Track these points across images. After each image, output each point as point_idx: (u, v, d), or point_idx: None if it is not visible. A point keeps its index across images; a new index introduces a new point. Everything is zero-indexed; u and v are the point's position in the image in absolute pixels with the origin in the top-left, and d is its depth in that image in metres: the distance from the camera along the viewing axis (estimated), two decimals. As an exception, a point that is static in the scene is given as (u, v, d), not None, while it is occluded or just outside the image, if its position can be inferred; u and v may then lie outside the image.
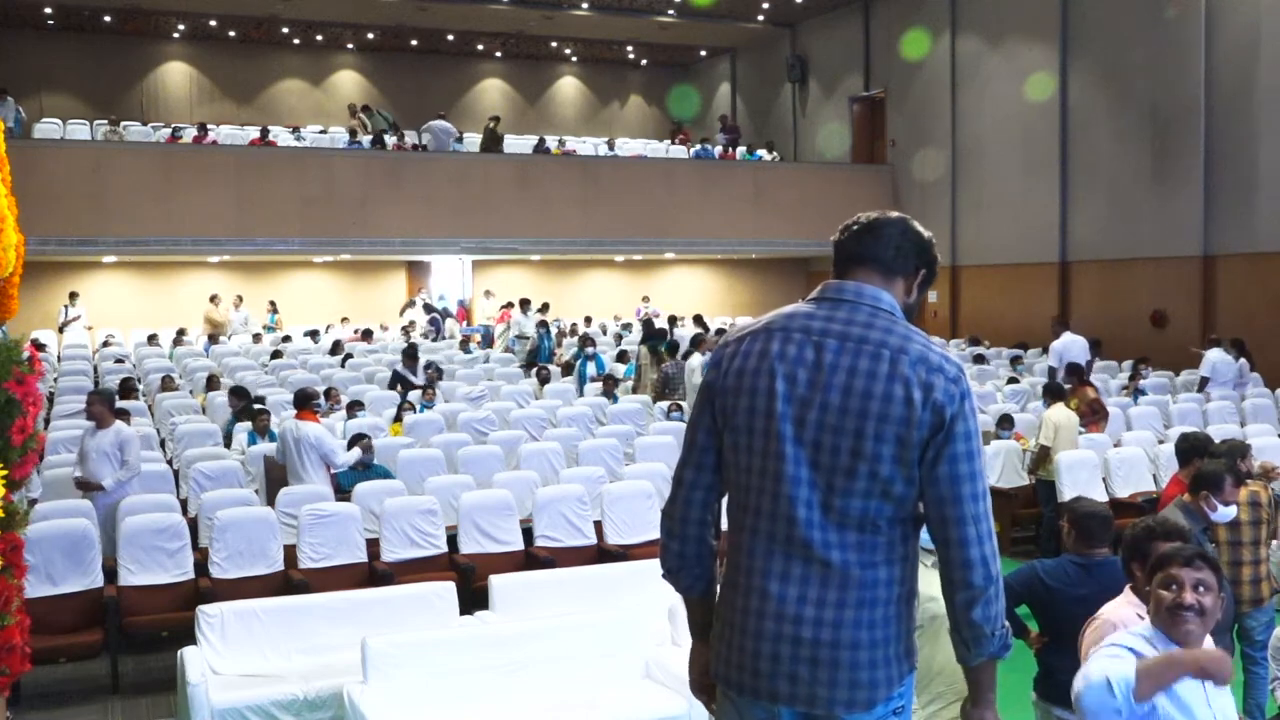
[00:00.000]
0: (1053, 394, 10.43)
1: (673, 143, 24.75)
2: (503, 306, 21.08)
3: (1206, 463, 5.42)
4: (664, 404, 12.94)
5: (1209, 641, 3.23)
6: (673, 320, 19.29)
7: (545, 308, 20.07)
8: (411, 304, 21.96)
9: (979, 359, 16.69)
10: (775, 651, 2.38)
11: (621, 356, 16.92)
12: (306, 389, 9.63)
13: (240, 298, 20.91)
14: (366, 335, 19.00)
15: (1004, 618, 2.39)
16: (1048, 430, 9.74)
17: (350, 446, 9.22)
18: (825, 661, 2.36)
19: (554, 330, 18.80)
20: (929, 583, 4.15)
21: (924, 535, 4.14)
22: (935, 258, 2.55)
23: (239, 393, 11.49)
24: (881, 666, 2.39)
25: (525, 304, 19.83)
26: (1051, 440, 9.67)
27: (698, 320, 18.61)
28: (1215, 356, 13.81)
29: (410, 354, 14.62)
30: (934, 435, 2.33)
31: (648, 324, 18.72)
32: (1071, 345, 13.87)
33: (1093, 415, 10.97)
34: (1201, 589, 3.04)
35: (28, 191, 11.20)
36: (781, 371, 2.41)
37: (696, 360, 13.17)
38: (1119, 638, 3.10)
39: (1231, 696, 3.24)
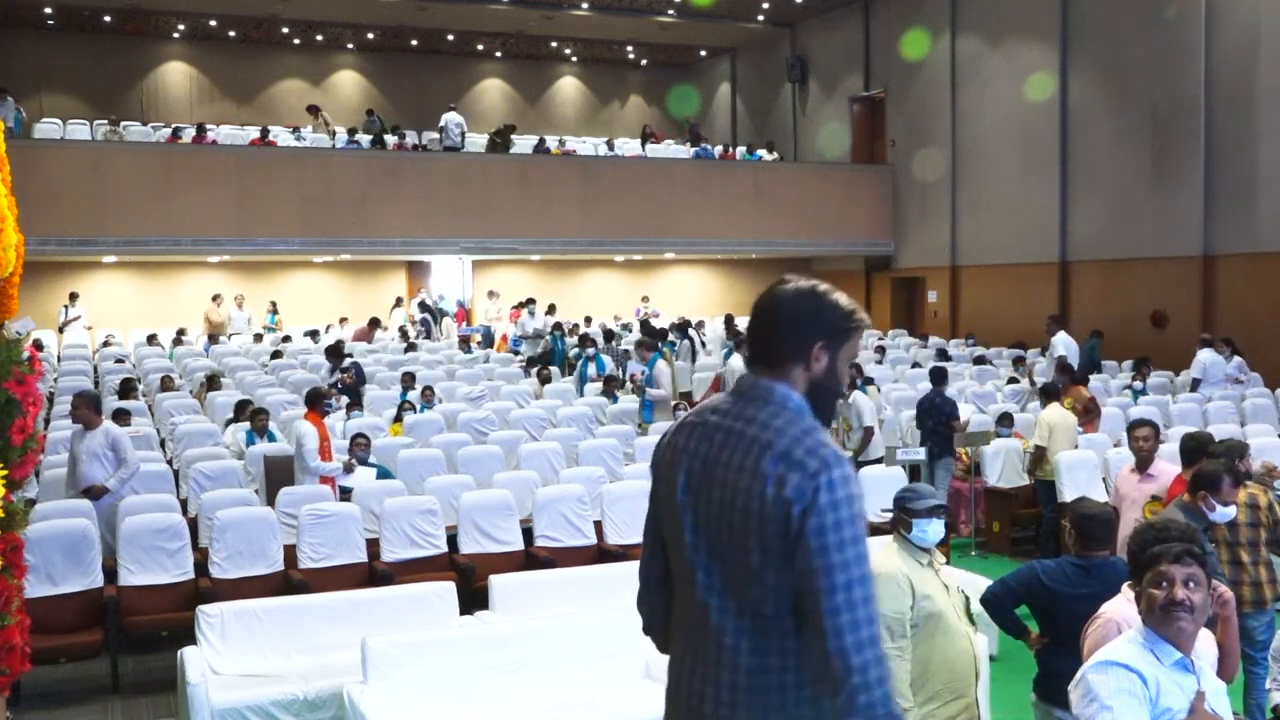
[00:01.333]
0: (1047, 394, 10.45)
1: (644, 142, 24.64)
2: (513, 306, 21.09)
3: (1205, 463, 5.43)
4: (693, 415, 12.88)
5: (1204, 637, 3.23)
6: (685, 324, 18.89)
7: (552, 309, 20.07)
8: (399, 303, 22.03)
9: (979, 360, 16.69)
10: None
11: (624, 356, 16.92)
12: (319, 388, 9.77)
13: (241, 297, 20.88)
14: (374, 324, 18.97)
15: (885, 705, 2.34)
16: (1042, 431, 9.78)
17: (351, 448, 9.20)
18: None
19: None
20: (924, 581, 4.16)
21: (917, 534, 4.17)
22: (834, 323, 2.52)
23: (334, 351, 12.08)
24: None
25: (532, 303, 19.82)
26: (1047, 440, 9.69)
27: (729, 321, 18.57)
28: (1206, 357, 13.82)
29: (334, 351, 13.83)
30: (789, 529, 2.38)
31: (644, 325, 18.68)
32: (1069, 345, 13.94)
33: (1087, 414, 10.99)
34: (1192, 584, 3.03)
35: (28, 191, 11.20)
36: (683, 465, 2.56)
37: (737, 361, 13.29)
38: (1113, 653, 3.06)
39: (1227, 696, 3.24)
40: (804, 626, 2.42)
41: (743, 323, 19.46)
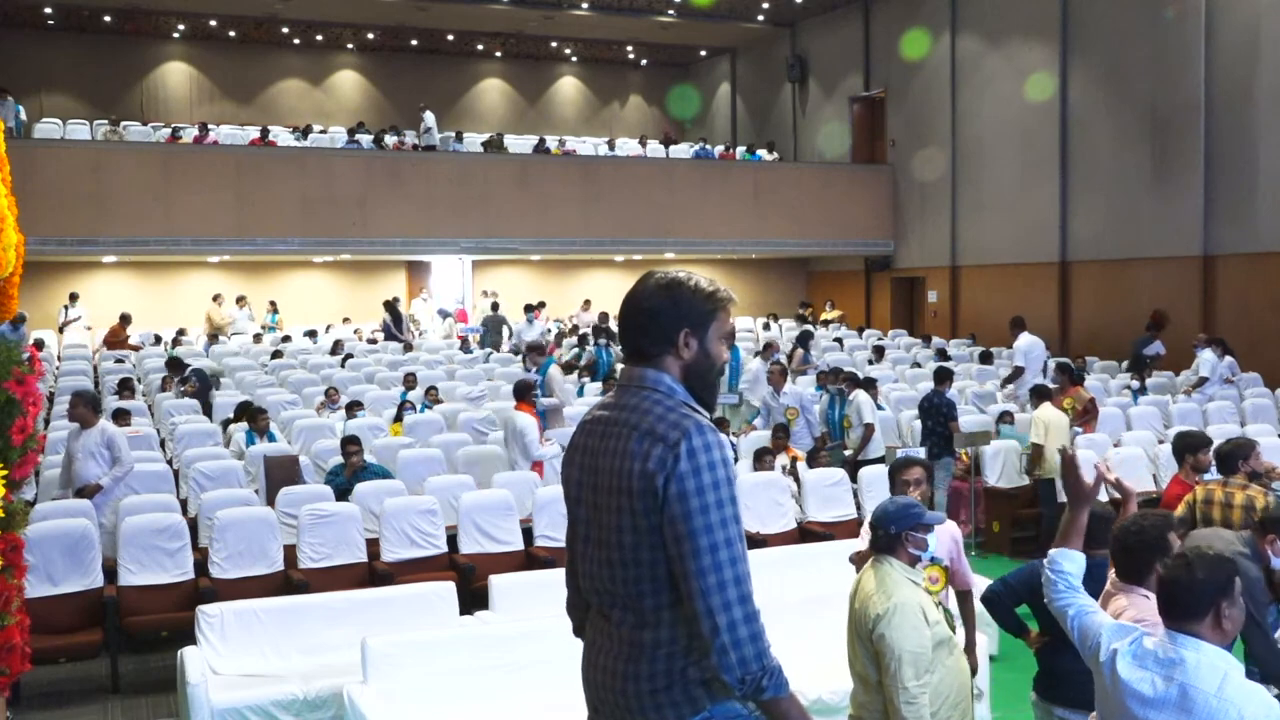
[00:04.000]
0: (1040, 395, 10.47)
1: (667, 146, 24.68)
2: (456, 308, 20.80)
3: (1277, 505, 5.38)
4: (588, 412, 12.76)
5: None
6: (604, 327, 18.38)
7: (541, 305, 19.94)
8: (396, 302, 22.02)
9: (985, 357, 16.69)
10: (593, 698, 2.77)
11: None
12: (526, 379, 10.28)
13: (244, 299, 20.78)
14: (125, 320, 18.28)
15: (758, 661, 2.41)
16: (1038, 429, 9.81)
17: (343, 452, 9.17)
18: (619, 706, 2.63)
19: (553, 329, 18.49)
20: (929, 606, 4.10)
21: (928, 552, 4.09)
22: (694, 308, 2.61)
23: (175, 364, 10.66)
24: (668, 708, 2.55)
25: (530, 310, 19.51)
26: (1043, 439, 9.71)
27: (603, 319, 18.23)
28: (1209, 357, 13.84)
29: (173, 364, 13.82)
30: (655, 502, 2.46)
31: (597, 327, 18.40)
32: (1033, 347, 13.93)
33: (1085, 415, 11.00)
34: None
35: (28, 191, 11.23)
36: (575, 461, 2.71)
37: (757, 364, 13.40)
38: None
39: None
40: (678, 603, 2.50)
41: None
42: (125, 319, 18.37)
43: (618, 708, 2.63)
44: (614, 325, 19.43)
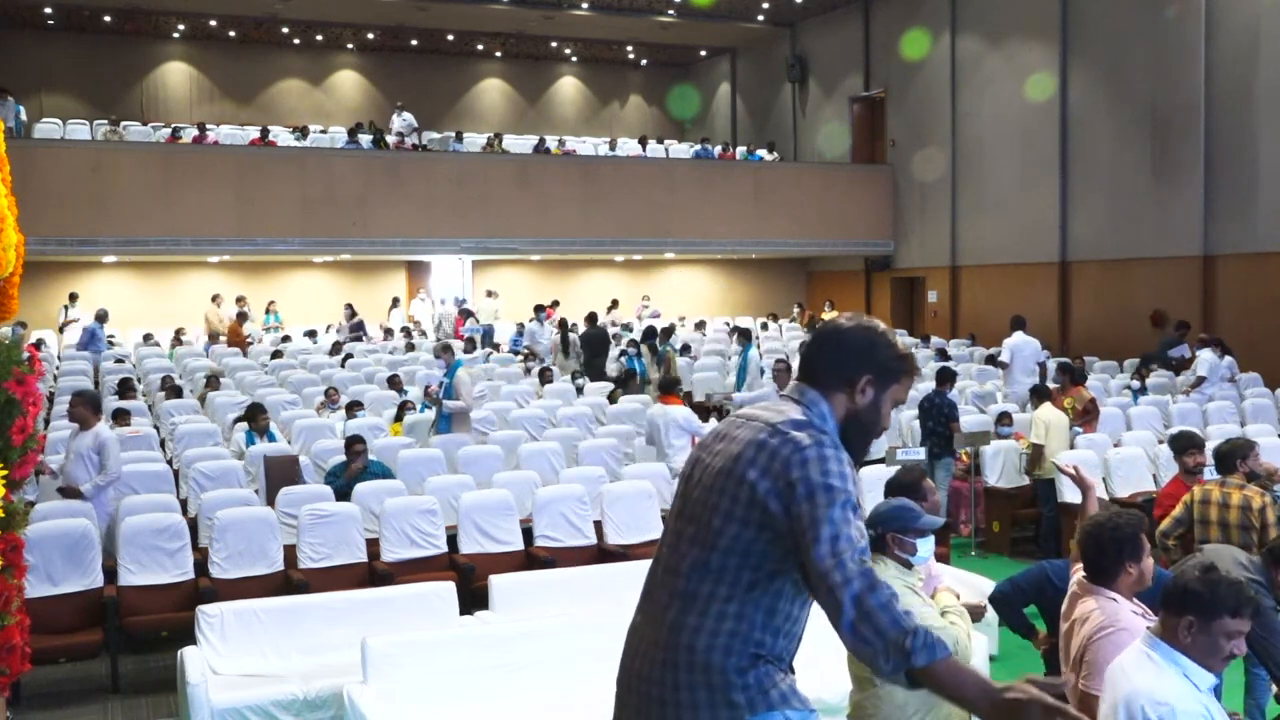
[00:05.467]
0: (1040, 395, 10.48)
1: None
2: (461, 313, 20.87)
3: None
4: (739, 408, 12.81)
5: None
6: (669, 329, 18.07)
7: (555, 305, 19.84)
8: (395, 303, 22.10)
9: (991, 360, 16.67)
10: (625, 683, 2.77)
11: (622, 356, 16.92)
12: (674, 376, 11.43)
13: (244, 302, 20.65)
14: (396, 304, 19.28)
15: (895, 629, 2.29)
16: (1039, 429, 9.83)
17: (347, 450, 9.15)
18: (650, 698, 2.63)
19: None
20: (925, 615, 4.05)
21: (921, 554, 4.03)
22: (884, 362, 2.61)
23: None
24: (704, 709, 2.54)
25: (540, 310, 19.36)
26: (1043, 438, 9.72)
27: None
28: (1208, 356, 13.85)
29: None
30: (755, 494, 2.48)
31: (580, 327, 18.42)
32: (1024, 346, 13.98)
33: (1086, 415, 11.01)
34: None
35: (28, 191, 11.21)
36: (708, 443, 2.72)
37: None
38: (1162, 692, 3.05)
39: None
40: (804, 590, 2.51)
41: (714, 322, 19.44)
42: (242, 316, 18.98)
43: (648, 699, 2.59)
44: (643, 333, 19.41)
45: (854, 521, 2.41)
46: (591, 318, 17.25)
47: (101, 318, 17.73)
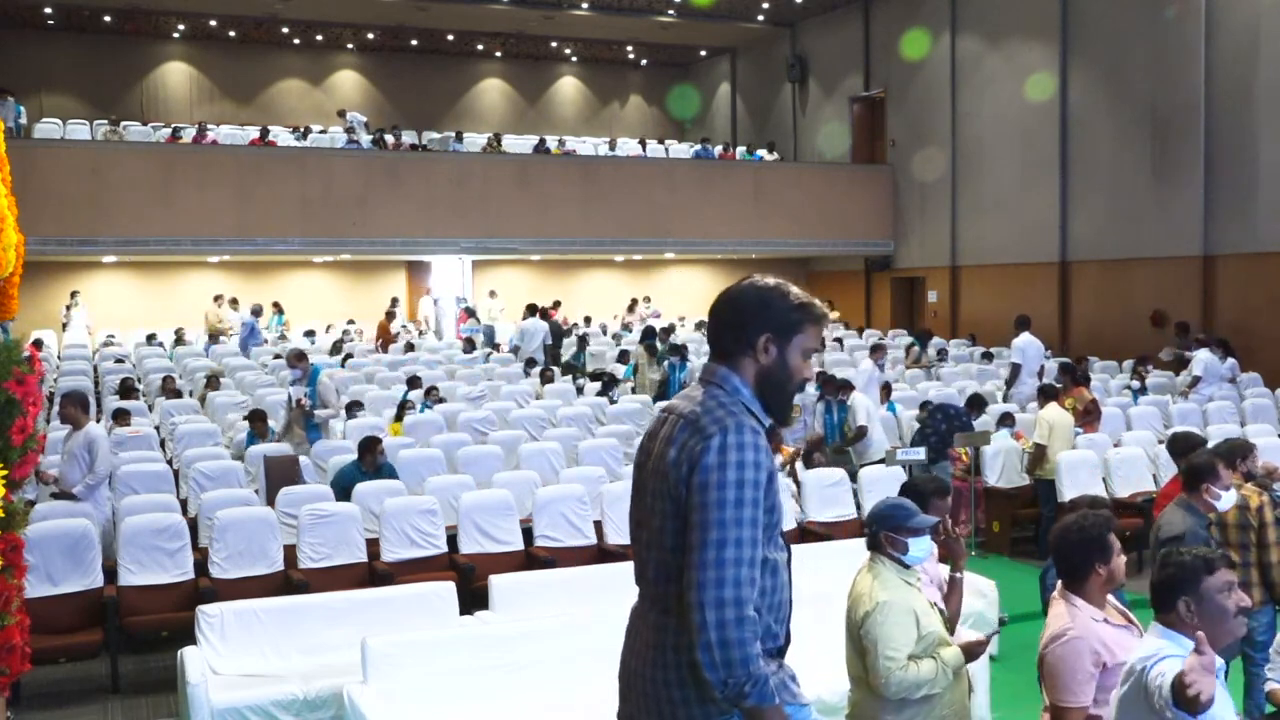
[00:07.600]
0: (1045, 394, 10.46)
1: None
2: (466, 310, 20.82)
3: (1193, 456, 5.41)
4: (663, 403, 12.85)
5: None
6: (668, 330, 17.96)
7: (553, 306, 19.86)
8: (395, 304, 22.09)
9: (987, 355, 16.67)
10: (625, 683, 2.81)
11: (622, 357, 16.93)
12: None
13: (234, 300, 20.57)
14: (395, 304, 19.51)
15: (743, 667, 2.36)
16: (1042, 429, 9.80)
17: (371, 448, 9.09)
18: (646, 695, 2.65)
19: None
20: (928, 616, 4.03)
21: (914, 554, 4.02)
22: (780, 316, 2.61)
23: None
24: (695, 704, 2.54)
25: (532, 310, 19.23)
26: (1046, 439, 9.70)
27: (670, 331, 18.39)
28: (1205, 356, 13.85)
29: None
30: (682, 490, 2.51)
31: (567, 330, 18.46)
32: (1030, 346, 13.99)
33: (1087, 415, 10.99)
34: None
35: (28, 191, 11.22)
36: (644, 445, 2.74)
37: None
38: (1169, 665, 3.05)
39: (1230, 698, 3.25)
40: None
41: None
42: (391, 315, 19.27)
43: (645, 696, 2.64)
44: (580, 325, 19.49)
45: (747, 518, 2.43)
46: (532, 309, 17.39)
47: (257, 312, 18.01)
